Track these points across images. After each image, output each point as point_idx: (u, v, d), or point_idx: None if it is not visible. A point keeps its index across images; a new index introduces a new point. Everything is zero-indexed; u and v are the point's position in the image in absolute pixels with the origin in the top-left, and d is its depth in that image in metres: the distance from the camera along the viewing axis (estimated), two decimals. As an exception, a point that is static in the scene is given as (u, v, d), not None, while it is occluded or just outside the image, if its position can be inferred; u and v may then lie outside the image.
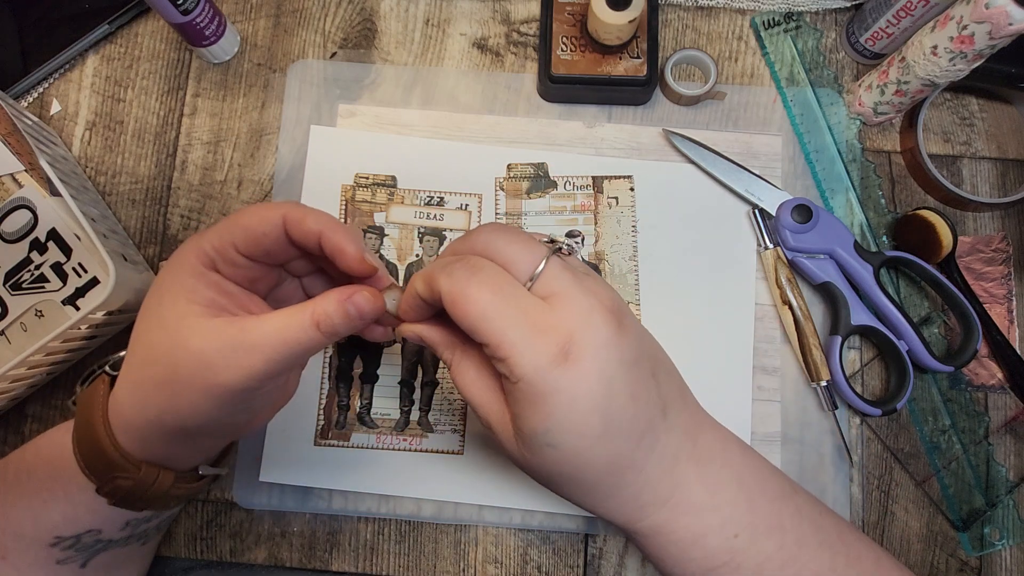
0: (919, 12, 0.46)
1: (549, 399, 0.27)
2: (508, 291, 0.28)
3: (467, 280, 0.28)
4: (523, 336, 0.27)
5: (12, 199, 0.49)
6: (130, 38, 0.53)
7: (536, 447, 0.29)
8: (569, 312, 0.28)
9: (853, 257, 0.47)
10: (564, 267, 0.30)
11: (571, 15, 0.50)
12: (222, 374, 0.30)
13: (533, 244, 0.30)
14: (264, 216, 0.32)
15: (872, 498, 0.47)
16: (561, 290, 0.29)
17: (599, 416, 0.28)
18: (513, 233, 0.31)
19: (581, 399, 0.28)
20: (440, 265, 0.30)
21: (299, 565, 0.46)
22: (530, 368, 0.27)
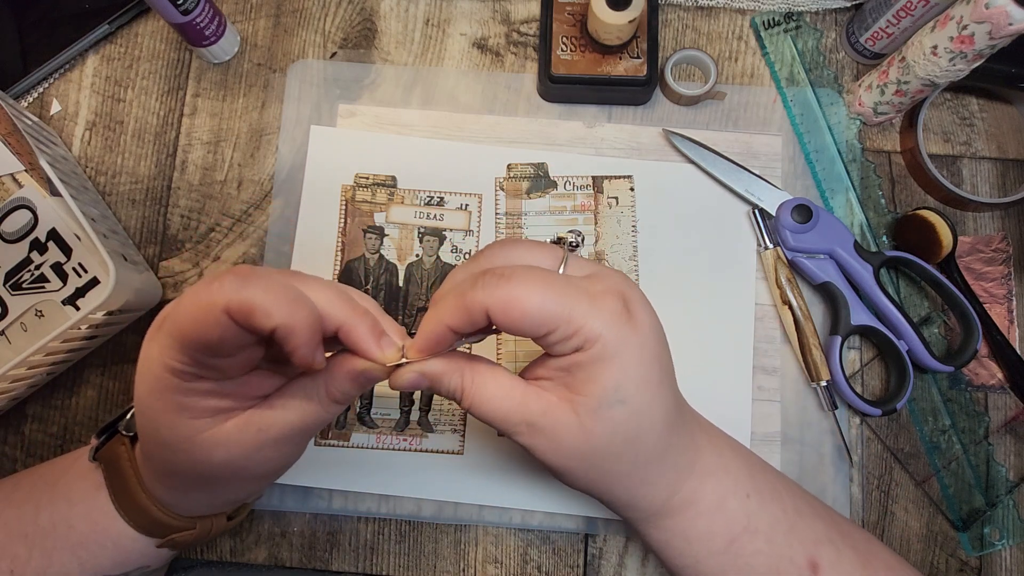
0: (919, 12, 0.46)
1: (622, 352, 0.29)
2: (554, 279, 0.29)
3: (509, 284, 0.28)
4: (587, 306, 0.28)
5: (12, 199, 0.49)
6: (130, 38, 0.53)
7: (605, 409, 0.29)
8: (610, 280, 0.30)
9: (853, 257, 0.47)
10: (582, 259, 0.32)
11: (571, 15, 0.50)
12: (255, 469, 0.32)
13: (547, 247, 0.32)
14: (199, 317, 0.26)
15: (872, 498, 0.47)
16: (591, 272, 0.31)
17: (658, 365, 0.30)
18: (524, 243, 0.32)
19: (647, 348, 0.30)
20: (466, 285, 0.29)
21: (299, 565, 0.46)
22: (603, 327, 0.28)
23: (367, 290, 0.48)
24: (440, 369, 0.31)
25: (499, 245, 0.32)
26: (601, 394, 0.29)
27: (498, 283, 0.28)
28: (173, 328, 0.27)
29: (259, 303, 0.25)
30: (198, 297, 0.26)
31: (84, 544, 0.35)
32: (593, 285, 0.30)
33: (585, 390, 0.29)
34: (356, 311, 0.29)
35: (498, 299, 0.28)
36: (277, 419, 0.30)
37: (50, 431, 0.48)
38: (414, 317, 0.48)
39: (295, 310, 0.26)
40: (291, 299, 0.26)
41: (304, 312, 0.26)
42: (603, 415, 0.29)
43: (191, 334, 0.26)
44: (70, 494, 0.36)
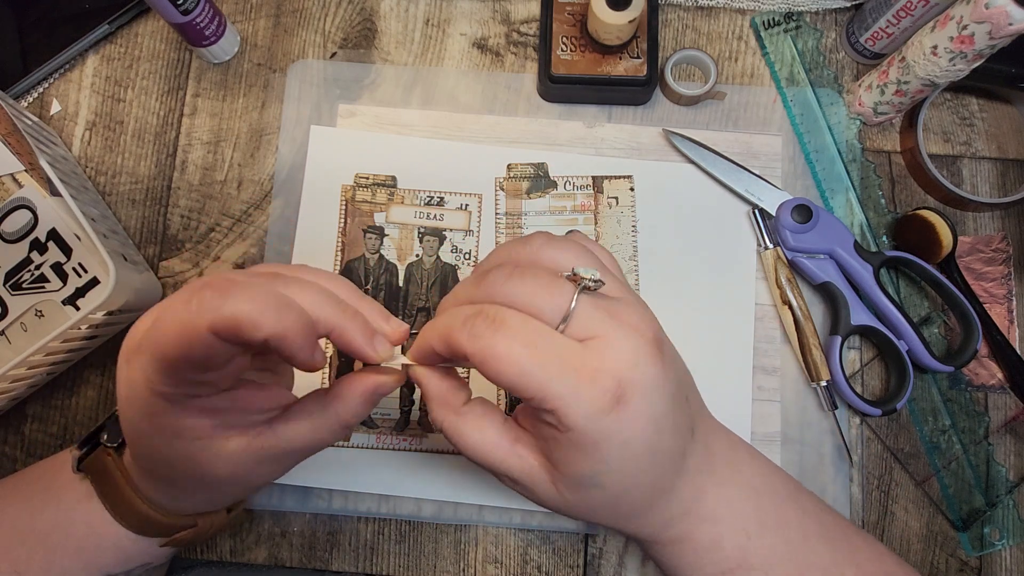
0: (919, 12, 0.46)
1: (602, 445, 0.26)
2: (543, 341, 0.26)
3: (494, 336, 0.26)
4: (570, 386, 0.26)
5: (12, 199, 0.49)
6: (130, 38, 0.53)
7: (581, 489, 0.28)
8: (613, 355, 0.26)
9: (853, 257, 0.47)
10: (595, 304, 0.27)
11: (571, 15, 0.50)
12: (257, 481, 0.32)
13: (557, 284, 0.27)
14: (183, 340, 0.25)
15: (872, 498, 0.47)
16: (599, 331, 0.27)
17: (648, 455, 0.28)
18: (532, 275, 0.28)
19: (634, 442, 0.27)
20: (457, 320, 0.27)
21: (299, 565, 0.46)
22: (582, 418, 0.26)
23: (367, 290, 0.48)
24: (435, 391, 0.30)
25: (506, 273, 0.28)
26: (577, 477, 0.28)
27: (483, 332, 0.26)
28: (156, 353, 0.26)
29: (245, 316, 0.24)
30: (178, 318, 0.24)
31: (84, 547, 0.35)
32: (587, 360, 0.26)
33: (560, 466, 0.28)
34: (344, 312, 0.28)
35: (478, 350, 0.26)
36: (284, 442, 0.30)
37: (50, 431, 0.48)
38: (414, 317, 0.48)
39: (283, 316, 0.25)
40: (277, 306, 0.25)
41: (293, 316, 0.26)
42: (581, 494, 0.29)
43: (176, 357, 0.25)
44: (63, 502, 0.35)
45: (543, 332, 0.26)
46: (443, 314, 0.29)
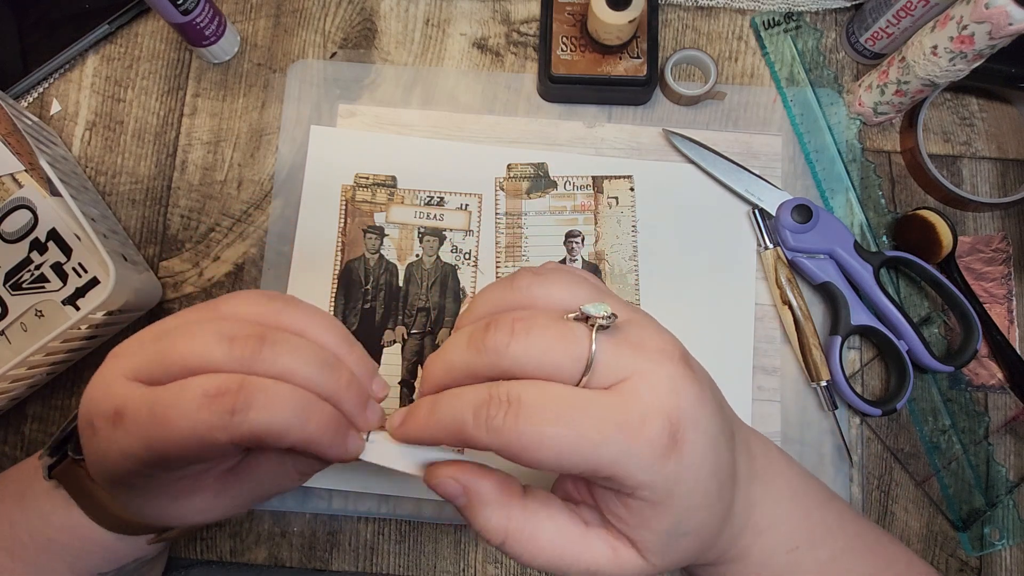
0: (919, 12, 0.46)
1: (675, 492, 0.24)
2: (574, 409, 0.23)
3: (518, 423, 0.23)
4: (621, 446, 0.23)
5: (12, 199, 0.49)
6: (130, 38, 0.53)
7: (670, 545, 0.26)
8: (652, 393, 0.24)
9: (853, 257, 0.47)
10: (615, 342, 0.24)
11: (571, 15, 0.50)
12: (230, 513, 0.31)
13: (568, 331, 0.24)
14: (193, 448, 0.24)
15: (872, 498, 0.47)
16: (627, 372, 0.24)
17: (715, 480, 0.26)
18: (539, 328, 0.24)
19: (702, 474, 0.25)
20: (466, 412, 0.24)
21: (299, 565, 0.46)
22: (645, 473, 0.23)
23: (367, 290, 0.48)
24: (484, 494, 0.26)
25: (507, 341, 0.24)
26: (663, 538, 0.25)
27: (503, 423, 0.23)
28: (152, 446, 0.24)
29: (269, 428, 0.23)
30: (193, 426, 0.23)
31: (70, 551, 0.34)
32: (627, 410, 0.23)
33: (641, 534, 0.25)
34: (339, 380, 0.27)
35: (505, 444, 0.23)
36: (248, 489, 0.30)
37: (50, 431, 0.48)
38: (414, 317, 0.48)
39: (309, 420, 0.24)
40: (302, 409, 0.24)
41: (319, 418, 0.25)
42: (670, 551, 0.26)
43: (178, 457, 0.24)
44: (41, 509, 0.34)
45: (569, 398, 0.23)
46: (443, 400, 0.25)
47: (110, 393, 0.26)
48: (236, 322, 0.26)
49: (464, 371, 0.25)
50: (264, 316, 0.27)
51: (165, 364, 0.25)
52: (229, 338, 0.25)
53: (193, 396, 0.24)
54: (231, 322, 0.26)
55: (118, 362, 0.26)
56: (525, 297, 0.26)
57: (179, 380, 0.25)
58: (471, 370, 0.25)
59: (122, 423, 0.25)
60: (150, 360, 0.26)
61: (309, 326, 0.27)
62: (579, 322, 0.25)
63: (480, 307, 0.28)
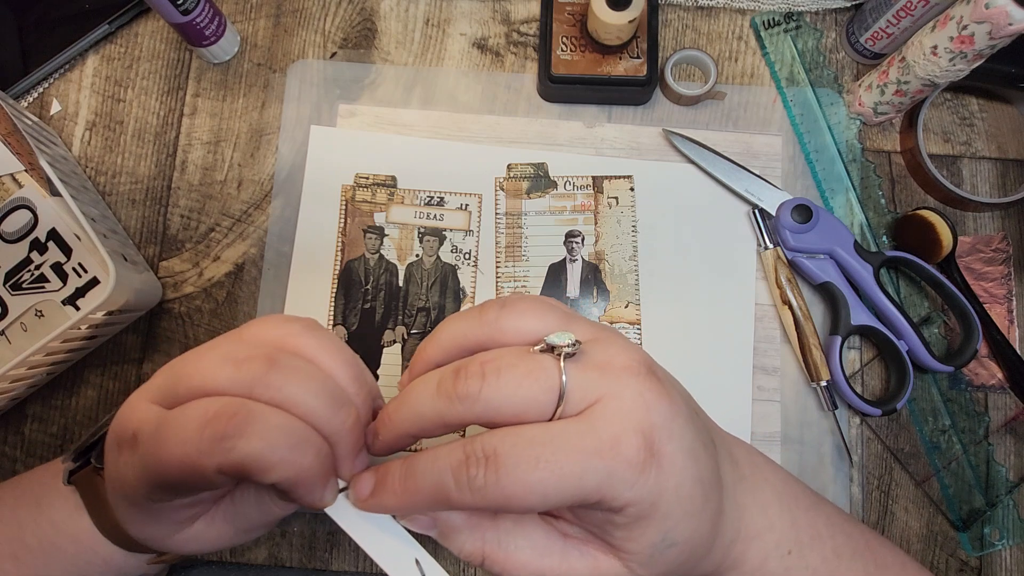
0: (919, 12, 0.46)
1: (659, 504, 0.24)
2: (551, 448, 0.23)
3: (499, 479, 0.23)
4: (602, 471, 0.23)
5: (12, 199, 0.49)
6: (130, 38, 0.53)
7: (657, 557, 0.25)
8: (623, 413, 0.24)
9: (853, 257, 0.47)
10: (582, 367, 0.25)
11: (571, 15, 0.50)
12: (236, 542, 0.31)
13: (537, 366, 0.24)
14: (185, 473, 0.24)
15: (872, 498, 0.47)
16: (597, 394, 0.24)
17: (698, 485, 0.26)
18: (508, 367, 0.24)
19: (683, 482, 0.25)
20: (446, 477, 0.24)
21: (299, 565, 0.46)
22: (629, 491, 0.23)
23: (367, 290, 0.48)
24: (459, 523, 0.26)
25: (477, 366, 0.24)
26: (649, 550, 0.25)
27: (486, 482, 0.23)
28: (151, 470, 0.24)
29: (256, 461, 0.23)
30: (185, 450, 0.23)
31: (75, 563, 0.34)
32: (602, 435, 0.23)
33: (628, 547, 0.25)
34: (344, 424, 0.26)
35: (490, 501, 0.23)
36: (241, 515, 0.30)
37: (50, 431, 0.48)
38: (414, 317, 0.48)
39: (296, 459, 0.24)
40: (292, 445, 0.24)
41: (308, 460, 0.24)
42: (658, 562, 0.26)
43: (174, 483, 0.24)
44: (53, 516, 0.34)
45: (542, 437, 0.23)
46: (418, 466, 0.25)
47: (132, 416, 0.26)
48: (249, 344, 0.26)
49: (435, 421, 0.25)
50: (280, 338, 0.27)
51: (177, 387, 0.25)
52: (236, 360, 0.25)
53: (189, 420, 0.24)
54: (243, 344, 0.26)
55: (147, 384, 0.27)
56: (494, 330, 0.26)
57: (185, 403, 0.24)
58: (443, 420, 0.25)
59: (137, 446, 0.25)
60: (166, 383, 0.26)
61: (322, 353, 0.27)
62: (545, 353, 0.25)
63: (446, 339, 0.27)
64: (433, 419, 0.25)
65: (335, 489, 0.26)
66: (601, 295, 0.49)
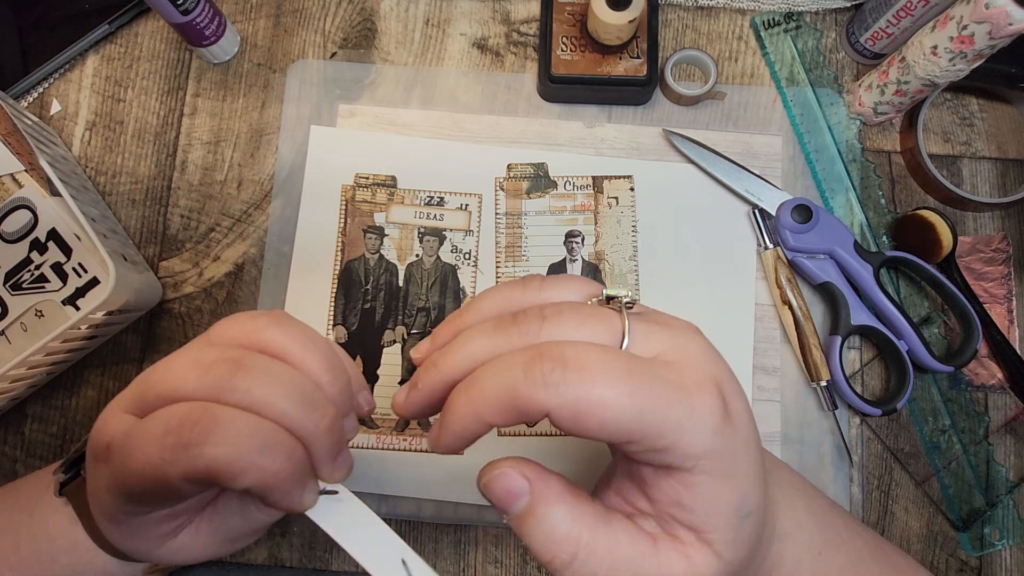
0: (919, 12, 0.46)
1: (736, 460, 0.23)
2: (632, 371, 0.21)
3: (580, 378, 0.21)
4: (685, 409, 0.21)
5: (12, 199, 0.49)
6: (130, 38, 0.53)
7: (740, 530, 0.23)
8: (696, 362, 0.23)
9: (853, 257, 0.47)
10: (643, 319, 0.24)
11: (571, 15, 0.50)
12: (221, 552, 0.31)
13: (599, 311, 0.23)
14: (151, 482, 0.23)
15: (872, 498, 0.47)
16: (662, 347, 0.23)
17: (759, 452, 0.24)
18: (570, 308, 0.23)
19: (751, 443, 0.23)
20: (516, 371, 0.21)
21: (299, 565, 0.46)
22: (710, 440, 0.22)
23: (367, 290, 0.48)
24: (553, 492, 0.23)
25: (536, 310, 0.23)
26: (733, 520, 0.23)
27: (565, 378, 0.21)
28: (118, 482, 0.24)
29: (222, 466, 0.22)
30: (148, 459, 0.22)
31: (70, 571, 0.34)
32: (683, 374, 0.22)
33: (711, 521, 0.23)
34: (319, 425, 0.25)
35: (569, 402, 0.21)
36: (226, 525, 0.30)
37: (50, 431, 0.48)
38: (414, 317, 0.48)
39: (266, 463, 0.22)
40: (260, 450, 0.22)
41: (279, 463, 0.23)
42: (739, 538, 0.23)
43: (142, 493, 0.24)
44: (47, 527, 0.33)
45: (624, 359, 0.22)
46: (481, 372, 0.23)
47: (106, 427, 0.25)
48: (216, 347, 0.25)
49: (489, 352, 0.23)
50: (247, 336, 0.26)
51: (147, 395, 0.25)
52: (203, 365, 0.24)
53: (152, 428, 0.23)
54: (212, 347, 0.25)
55: (121, 394, 0.26)
56: (539, 296, 0.25)
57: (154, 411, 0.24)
58: (495, 351, 0.23)
59: (109, 457, 0.25)
60: (136, 392, 0.25)
61: (293, 346, 0.26)
62: (603, 306, 0.24)
63: (487, 306, 0.25)
64: (485, 352, 0.23)
65: (314, 491, 0.26)
66: (601, 295, 0.49)
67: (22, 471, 0.47)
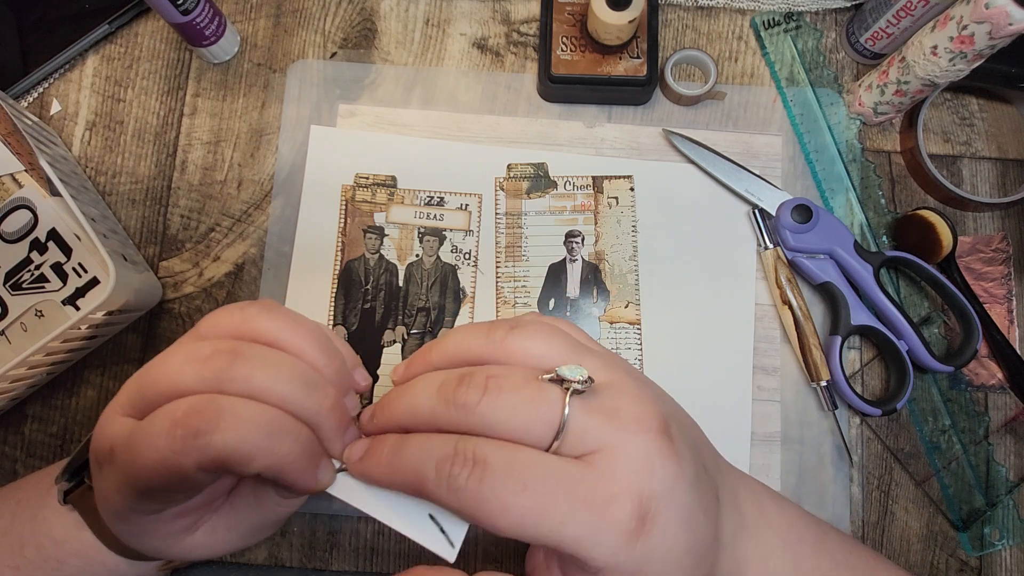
0: (919, 12, 0.46)
1: (641, 573, 0.23)
2: (540, 477, 0.22)
3: (481, 486, 0.22)
4: (586, 524, 0.22)
5: (12, 199, 0.49)
6: (130, 38, 0.53)
7: None
8: (624, 470, 0.22)
9: (853, 257, 0.47)
10: (589, 409, 0.23)
11: (571, 15, 0.50)
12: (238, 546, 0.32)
13: (540, 393, 0.23)
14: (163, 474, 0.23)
15: (872, 498, 0.47)
16: (599, 443, 0.23)
17: (689, 555, 0.24)
18: (510, 387, 0.23)
19: (672, 552, 0.23)
20: (428, 467, 0.23)
21: (299, 565, 0.46)
22: (611, 556, 0.22)
23: (367, 290, 0.48)
24: None
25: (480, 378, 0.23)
26: None
27: (466, 484, 0.22)
28: (130, 479, 0.24)
29: (234, 452, 0.22)
30: (159, 453, 0.23)
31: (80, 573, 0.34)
32: (596, 485, 0.22)
33: None
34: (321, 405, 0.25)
35: (464, 506, 0.22)
36: (242, 519, 0.30)
37: (50, 431, 0.48)
38: (414, 317, 0.48)
39: (277, 446, 0.23)
40: (270, 433, 0.23)
41: (288, 443, 0.23)
42: None
43: (155, 487, 0.24)
44: (52, 533, 0.33)
45: (537, 465, 0.22)
46: (408, 446, 0.24)
47: (106, 431, 0.26)
48: (210, 341, 0.25)
49: (428, 419, 0.24)
50: (238, 326, 0.26)
51: (146, 394, 0.25)
52: (200, 358, 0.24)
53: (159, 424, 0.23)
54: (206, 341, 0.25)
55: (116, 399, 0.26)
56: (500, 349, 0.25)
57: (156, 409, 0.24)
58: (436, 421, 0.24)
59: (114, 460, 0.25)
60: (133, 393, 0.25)
61: (284, 333, 0.26)
62: (554, 383, 0.23)
63: (451, 347, 0.26)
64: (427, 418, 0.24)
65: (330, 470, 0.26)
66: (601, 295, 0.49)
67: (22, 471, 0.47)
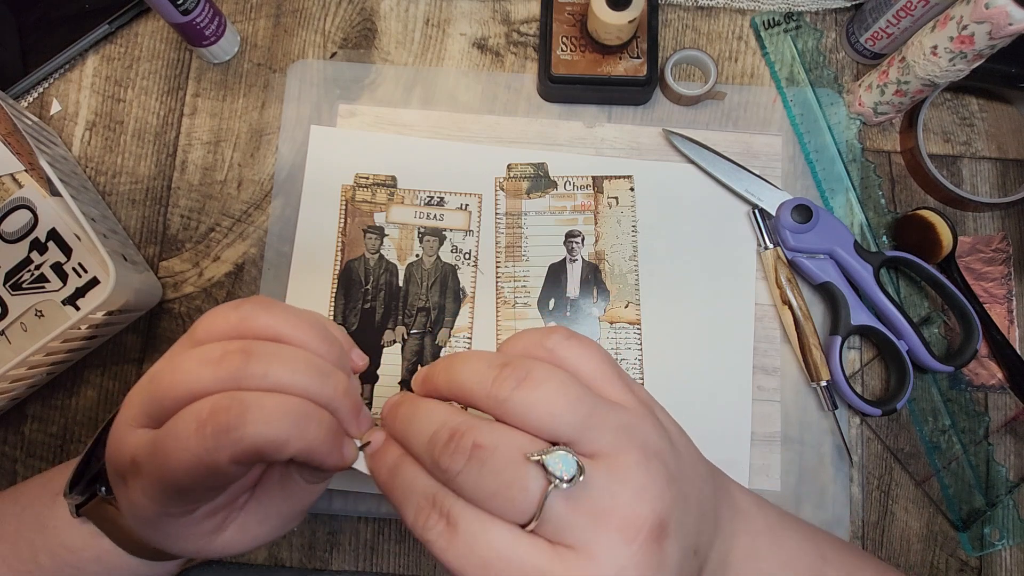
0: (919, 12, 0.46)
1: None
2: (502, 562, 0.22)
3: (449, 543, 0.23)
4: None
5: (12, 199, 0.49)
6: (130, 38, 0.53)
7: None
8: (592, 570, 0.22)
9: (853, 257, 0.47)
10: (572, 506, 0.22)
11: (571, 15, 0.50)
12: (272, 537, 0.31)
13: (518, 478, 0.22)
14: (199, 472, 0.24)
15: (872, 498, 0.47)
16: (576, 541, 0.22)
17: None
18: (491, 474, 0.22)
19: None
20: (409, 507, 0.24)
21: (299, 565, 0.46)
22: None
23: (367, 290, 0.48)
24: None
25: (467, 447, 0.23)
26: None
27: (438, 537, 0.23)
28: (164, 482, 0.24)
29: (268, 442, 0.23)
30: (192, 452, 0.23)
31: None
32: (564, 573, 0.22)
33: None
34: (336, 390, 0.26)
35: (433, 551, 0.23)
36: (271, 511, 0.30)
37: (50, 431, 0.48)
38: (414, 317, 0.48)
39: (306, 431, 0.24)
40: (298, 420, 0.24)
41: (314, 427, 0.24)
42: None
43: (190, 487, 0.24)
44: (67, 541, 0.33)
45: (504, 547, 0.22)
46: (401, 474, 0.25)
47: (124, 445, 0.26)
48: (218, 343, 0.26)
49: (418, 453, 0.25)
50: (236, 326, 0.26)
51: (160, 404, 0.25)
52: (213, 360, 0.25)
53: (187, 425, 0.24)
54: (214, 344, 0.26)
55: (125, 413, 0.26)
56: (500, 407, 0.24)
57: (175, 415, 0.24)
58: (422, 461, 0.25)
59: (138, 471, 0.25)
60: (146, 404, 0.26)
61: (285, 327, 0.27)
62: (540, 468, 0.22)
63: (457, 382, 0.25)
64: (417, 452, 0.25)
65: (353, 447, 0.27)
66: (601, 295, 0.49)
67: (22, 471, 0.47)
